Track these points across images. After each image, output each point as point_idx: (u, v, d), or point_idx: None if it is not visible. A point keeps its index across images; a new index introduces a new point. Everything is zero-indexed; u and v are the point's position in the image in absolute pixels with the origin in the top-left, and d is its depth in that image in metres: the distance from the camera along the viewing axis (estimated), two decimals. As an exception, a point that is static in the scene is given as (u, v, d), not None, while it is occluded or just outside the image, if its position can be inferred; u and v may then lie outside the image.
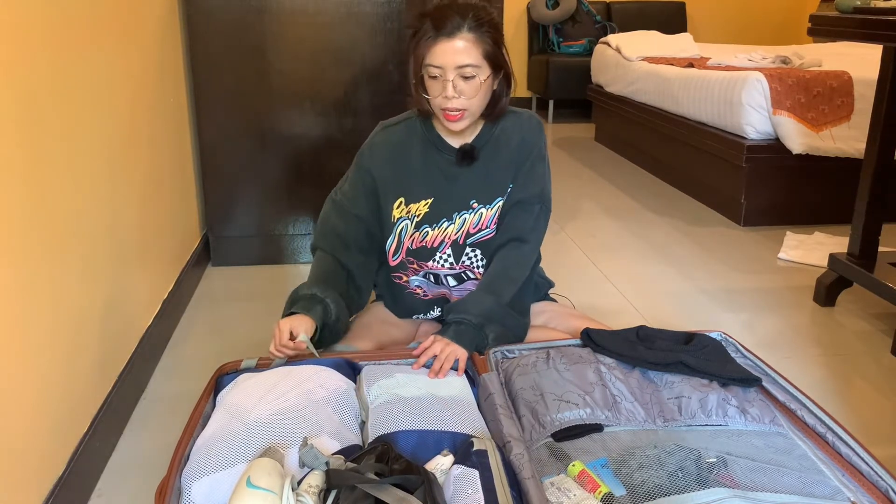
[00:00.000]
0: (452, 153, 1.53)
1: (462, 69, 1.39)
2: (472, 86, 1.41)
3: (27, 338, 1.18)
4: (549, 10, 5.71)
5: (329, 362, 1.35)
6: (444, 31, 1.38)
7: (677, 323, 2.13)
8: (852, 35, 2.09)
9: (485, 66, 1.41)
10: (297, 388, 1.23)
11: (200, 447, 1.11)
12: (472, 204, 1.55)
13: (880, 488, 1.07)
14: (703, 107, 3.32)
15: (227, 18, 2.29)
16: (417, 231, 1.56)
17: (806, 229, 3.01)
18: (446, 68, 1.39)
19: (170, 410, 1.66)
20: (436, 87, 1.42)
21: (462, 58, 1.38)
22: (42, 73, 1.26)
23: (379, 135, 1.57)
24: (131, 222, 1.74)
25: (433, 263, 1.59)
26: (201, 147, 2.41)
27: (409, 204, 1.55)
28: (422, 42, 1.40)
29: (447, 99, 1.40)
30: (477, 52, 1.39)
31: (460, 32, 1.38)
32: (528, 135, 1.55)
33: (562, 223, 3.10)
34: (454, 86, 1.39)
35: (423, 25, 1.41)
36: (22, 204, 1.17)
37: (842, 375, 1.87)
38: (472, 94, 1.41)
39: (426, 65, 1.40)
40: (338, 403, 1.23)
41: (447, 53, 1.38)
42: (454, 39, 1.38)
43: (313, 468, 1.02)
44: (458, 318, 1.43)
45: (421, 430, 1.17)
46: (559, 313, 1.67)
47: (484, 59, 1.40)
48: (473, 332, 1.42)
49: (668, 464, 1.08)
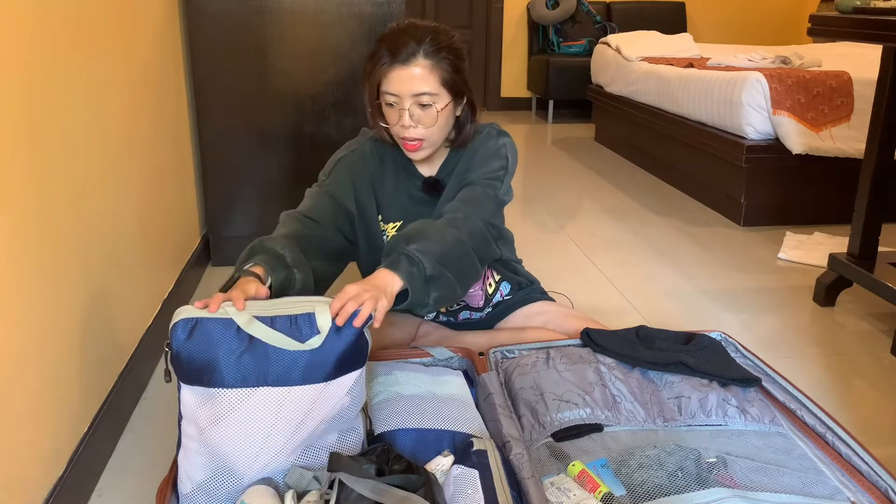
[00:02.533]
0: (419, 178, 1.50)
1: (418, 97, 1.34)
2: (430, 115, 1.36)
3: (27, 338, 1.18)
4: (549, 11, 5.71)
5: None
6: (399, 58, 1.32)
7: (677, 323, 2.13)
8: (852, 35, 2.09)
9: (443, 94, 1.36)
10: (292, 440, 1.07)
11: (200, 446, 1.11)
12: None
13: (880, 488, 1.07)
14: (702, 107, 3.32)
15: (227, 18, 2.29)
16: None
17: (806, 229, 3.01)
18: (402, 96, 1.34)
19: (170, 410, 1.65)
20: (392, 115, 1.38)
21: (418, 85, 1.33)
22: (42, 74, 1.26)
23: (367, 143, 1.52)
24: (131, 222, 1.74)
25: None
26: (201, 147, 2.41)
27: (386, 223, 1.53)
28: (377, 68, 1.35)
29: (404, 128, 1.36)
30: (434, 79, 1.34)
31: (415, 59, 1.33)
32: (483, 143, 1.50)
33: (562, 223, 3.10)
34: (411, 114, 1.35)
35: (378, 50, 1.36)
36: (22, 204, 1.17)
37: (842, 375, 1.87)
38: (429, 124, 1.36)
39: (382, 92, 1.36)
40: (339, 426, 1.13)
41: (402, 81, 1.33)
42: (409, 66, 1.33)
43: (301, 489, 1.02)
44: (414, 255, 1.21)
45: (420, 427, 1.17)
46: (559, 313, 1.67)
47: (441, 86, 1.35)
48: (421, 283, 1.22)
49: (667, 464, 1.08)
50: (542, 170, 4.14)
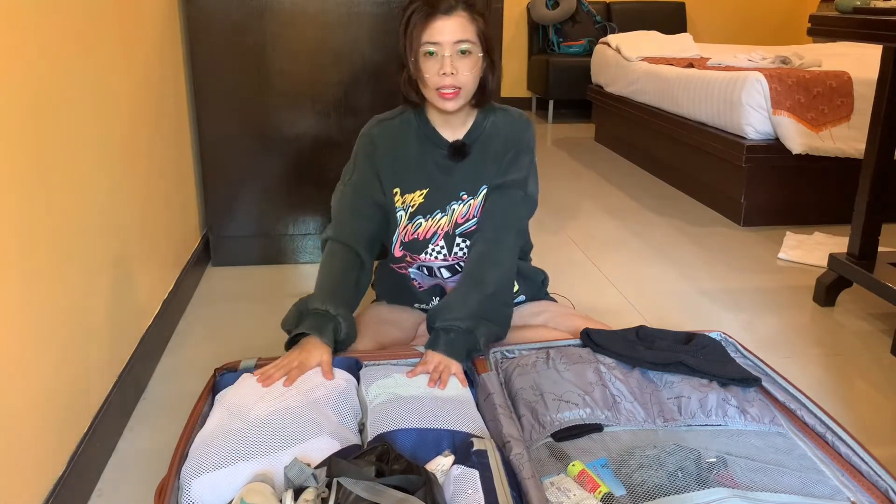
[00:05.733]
0: (446, 146, 1.55)
1: (459, 44, 1.41)
2: (469, 62, 1.42)
3: (27, 338, 1.18)
4: (549, 10, 5.71)
5: (336, 360, 1.35)
6: (441, 9, 1.40)
7: (677, 323, 2.13)
8: (852, 35, 2.09)
9: (478, 45, 1.44)
10: (296, 386, 1.23)
11: (199, 445, 1.11)
12: (462, 195, 1.56)
13: (880, 488, 1.07)
14: (702, 107, 3.32)
15: (227, 18, 2.29)
16: (410, 223, 1.57)
17: (806, 229, 3.01)
18: (444, 44, 1.40)
19: (170, 410, 1.66)
20: (432, 65, 1.42)
21: (460, 32, 1.41)
22: (42, 74, 1.26)
23: (375, 127, 1.58)
24: (132, 222, 1.74)
25: (425, 256, 1.59)
26: (201, 147, 2.41)
27: (404, 194, 1.56)
28: (418, 20, 1.41)
29: (444, 76, 1.41)
30: (472, 29, 1.42)
31: (456, 10, 1.41)
32: (515, 128, 1.57)
33: (562, 223, 3.10)
34: (451, 62, 1.41)
35: (415, 4, 1.42)
36: (22, 204, 1.17)
37: (842, 375, 1.87)
38: (467, 70, 1.42)
39: (423, 42, 1.41)
40: (337, 402, 1.23)
41: (445, 30, 1.40)
42: (451, 16, 1.40)
43: (299, 483, 1.02)
44: (447, 325, 1.40)
45: (420, 428, 1.17)
46: (559, 313, 1.67)
47: (477, 37, 1.43)
48: (464, 338, 1.39)
49: (667, 464, 1.08)
50: (542, 170, 4.10)
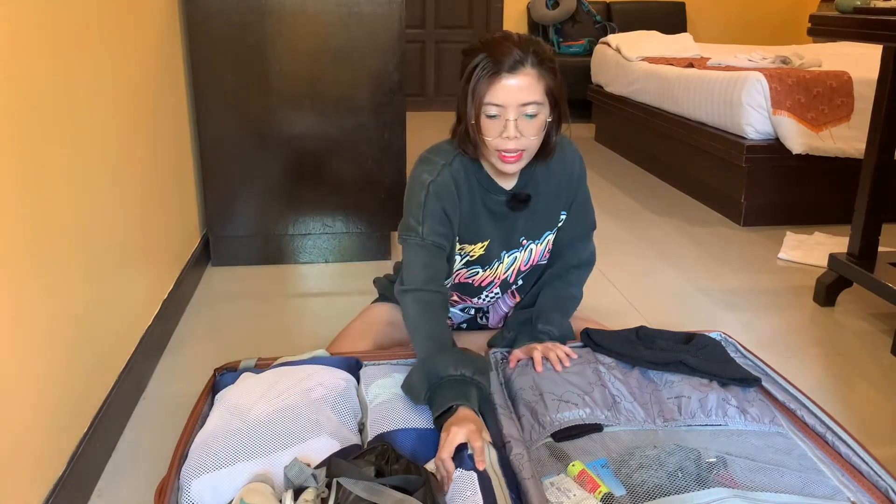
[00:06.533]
0: (502, 194, 1.45)
1: (525, 107, 1.29)
2: (534, 125, 1.31)
3: (27, 337, 1.18)
4: (549, 10, 5.71)
5: (337, 360, 1.35)
6: (505, 67, 1.27)
7: (677, 323, 2.12)
8: (852, 35, 2.09)
9: (546, 104, 1.32)
10: (296, 386, 1.23)
11: (199, 445, 1.11)
12: (522, 241, 1.51)
13: (880, 488, 1.07)
14: (703, 107, 3.32)
15: (227, 18, 2.29)
16: (466, 269, 1.52)
17: (806, 229, 3.01)
18: (508, 107, 1.28)
19: (170, 410, 1.66)
20: (494, 128, 1.31)
21: (526, 95, 1.28)
22: (42, 74, 1.26)
23: (439, 176, 1.41)
24: (131, 222, 1.74)
25: (478, 300, 1.60)
26: (201, 147, 2.41)
27: (463, 243, 1.48)
28: (481, 78, 1.28)
29: (508, 140, 1.30)
30: (540, 88, 1.30)
31: (524, 68, 1.28)
32: (570, 162, 1.49)
33: (562, 223, 3.10)
34: (516, 125, 1.30)
35: (478, 59, 1.29)
36: (22, 204, 1.17)
37: (842, 375, 1.87)
38: (532, 133, 1.31)
39: (486, 103, 1.29)
40: (336, 402, 1.23)
41: (510, 91, 1.27)
42: (517, 75, 1.27)
43: (299, 484, 1.02)
44: (547, 330, 1.46)
45: (420, 428, 1.17)
46: (559, 313, 1.66)
47: (545, 95, 1.31)
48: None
49: (667, 464, 1.08)
50: (542, 170, 4.13)
